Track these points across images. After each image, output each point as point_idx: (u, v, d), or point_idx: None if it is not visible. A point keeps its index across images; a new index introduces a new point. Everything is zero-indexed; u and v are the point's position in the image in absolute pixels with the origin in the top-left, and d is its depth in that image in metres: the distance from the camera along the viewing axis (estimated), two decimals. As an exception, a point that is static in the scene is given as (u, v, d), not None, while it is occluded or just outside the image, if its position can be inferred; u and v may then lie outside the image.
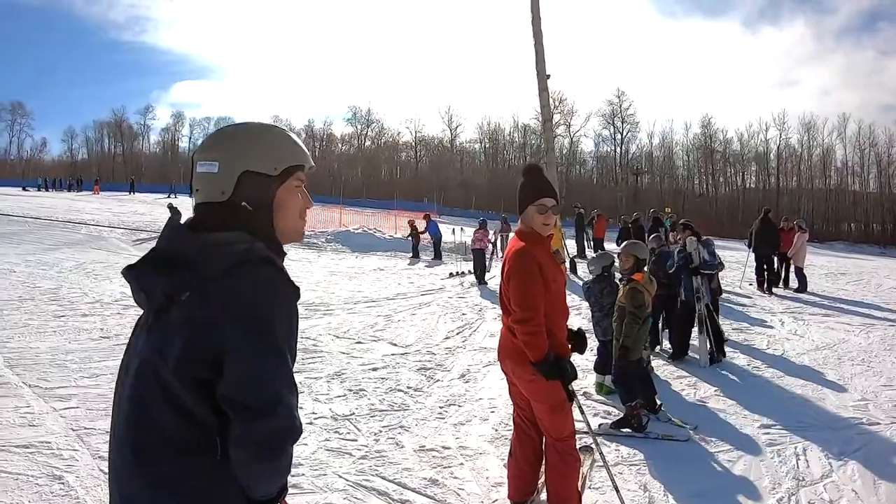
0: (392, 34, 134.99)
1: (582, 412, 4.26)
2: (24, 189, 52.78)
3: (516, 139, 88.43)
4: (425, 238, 23.55)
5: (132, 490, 1.58)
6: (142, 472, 1.55)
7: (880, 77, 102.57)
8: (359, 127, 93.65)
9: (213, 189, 1.71)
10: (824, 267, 20.87)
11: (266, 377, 1.53)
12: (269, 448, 1.54)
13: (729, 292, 13.36)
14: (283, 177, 1.75)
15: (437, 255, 22.81)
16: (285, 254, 1.78)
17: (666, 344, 8.98)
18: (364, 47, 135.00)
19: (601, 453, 4.29)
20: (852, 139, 74.79)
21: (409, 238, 23.62)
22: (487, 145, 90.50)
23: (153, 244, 1.71)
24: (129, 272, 1.66)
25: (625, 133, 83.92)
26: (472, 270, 16.69)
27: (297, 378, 5.58)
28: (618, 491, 4.15)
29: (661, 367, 8.02)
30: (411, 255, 23.03)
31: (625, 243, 6.82)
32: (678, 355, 8.45)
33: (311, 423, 5.46)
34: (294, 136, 1.85)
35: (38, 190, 55.24)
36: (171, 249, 1.63)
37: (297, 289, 1.65)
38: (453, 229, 23.28)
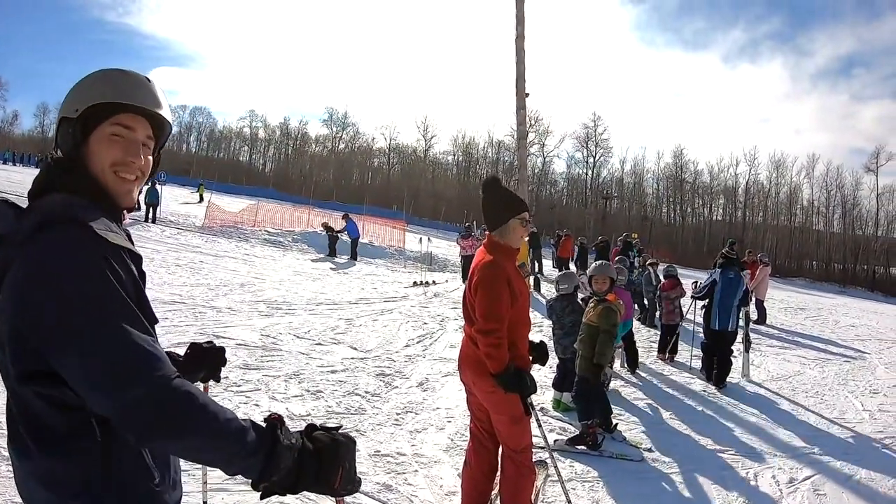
0: (375, 40, 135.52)
1: (539, 426, 4.26)
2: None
3: (490, 154, 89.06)
4: (345, 236, 23.64)
5: (29, 492, 1.46)
6: (31, 471, 1.44)
7: (852, 121, 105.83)
8: (334, 129, 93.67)
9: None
10: (784, 301, 21.30)
11: (95, 355, 1.30)
12: (147, 425, 1.30)
13: (690, 321, 13.52)
14: (91, 121, 1.54)
15: (353, 256, 22.99)
16: (121, 211, 1.60)
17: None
18: (346, 50, 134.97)
19: (556, 467, 4.30)
20: (820, 179, 76.89)
21: (326, 236, 23.92)
22: (460, 158, 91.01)
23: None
24: None
25: (597, 157, 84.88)
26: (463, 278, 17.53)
27: (256, 375, 5.52)
28: (570, 505, 4.17)
29: (620, 388, 8.09)
30: (327, 252, 23.18)
31: (598, 265, 6.80)
32: (720, 382, 8.79)
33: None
34: (117, 74, 1.60)
35: (5, 163, 54.39)
36: None
37: (108, 243, 1.42)
38: (420, 238, 23.26)
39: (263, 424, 1.45)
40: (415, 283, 17.29)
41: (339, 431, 1.58)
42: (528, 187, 19.18)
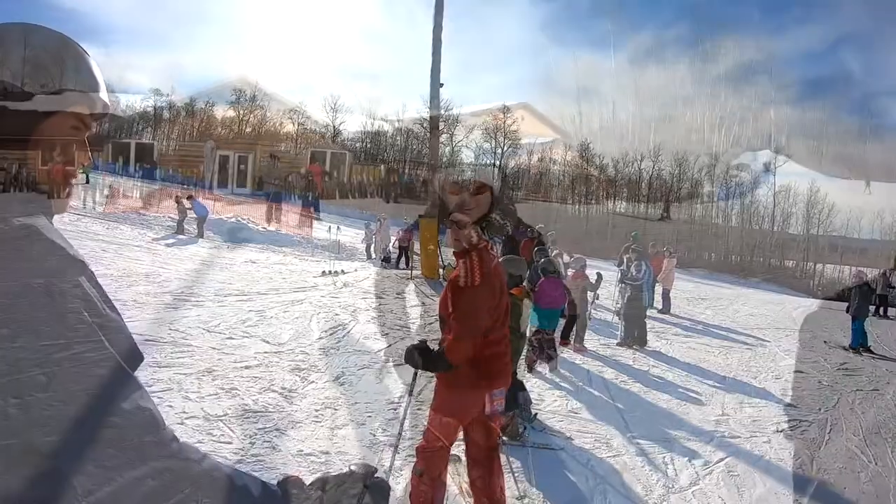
0: (287, 22, 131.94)
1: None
2: None
3: (398, 142, 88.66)
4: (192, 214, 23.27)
5: None
6: None
7: (755, 124, 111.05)
8: (241, 112, 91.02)
9: None
10: (687, 291, 22.08)
11: None
12: None
13: (603, 307, 13.91)
14: None
15: (200, 234, 22.73)
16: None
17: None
18: (256, 30, 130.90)
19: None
20: (720, 177, 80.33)
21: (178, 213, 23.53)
22: (369, 145, 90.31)
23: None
24: None
25: (505, 148, 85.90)
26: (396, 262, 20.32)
27: (166, 374, 5.31)
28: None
29: (534, 380, 8.14)
30: (175, 230, 22.77)
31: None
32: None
33: (181, 424, 5.16)
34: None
35: None
36: None
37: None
38: (329, 227, 22.93)
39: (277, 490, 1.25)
40: (324, 272, 16.97)
41: (374, 479, 1.34)
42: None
